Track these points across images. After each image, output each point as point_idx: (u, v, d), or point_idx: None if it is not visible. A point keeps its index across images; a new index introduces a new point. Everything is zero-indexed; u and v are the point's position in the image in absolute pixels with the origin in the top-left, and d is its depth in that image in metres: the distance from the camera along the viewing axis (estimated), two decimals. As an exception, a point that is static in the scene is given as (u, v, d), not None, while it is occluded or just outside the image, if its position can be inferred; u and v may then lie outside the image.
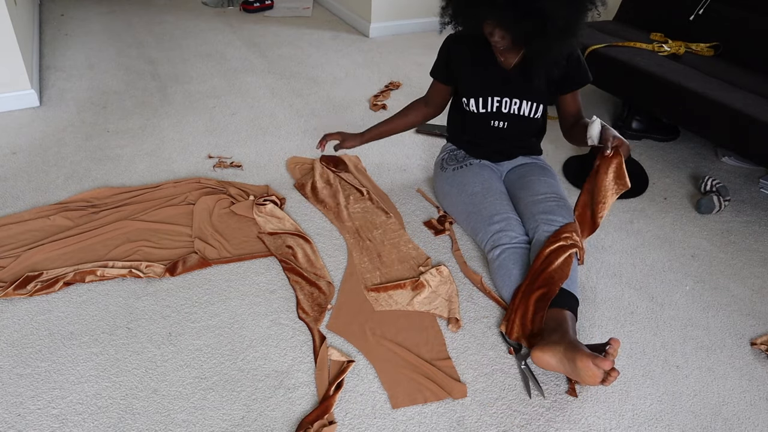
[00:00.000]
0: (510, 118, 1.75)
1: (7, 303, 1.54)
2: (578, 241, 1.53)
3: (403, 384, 1.35)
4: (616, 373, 1.21)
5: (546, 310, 1.42)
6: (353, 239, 1.81)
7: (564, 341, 1.31)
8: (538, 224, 1.61)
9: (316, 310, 1.55)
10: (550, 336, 1.36)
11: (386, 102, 2.77)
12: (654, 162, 2.35)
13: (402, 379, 1.37)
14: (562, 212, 1.62)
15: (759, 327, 1.59)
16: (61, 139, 2.34)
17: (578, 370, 1.24)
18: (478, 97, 1.73)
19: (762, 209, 2.10)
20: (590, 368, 1.22)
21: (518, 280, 1.54)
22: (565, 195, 1.73)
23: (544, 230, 1.58)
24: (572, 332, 1.36)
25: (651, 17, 2.68)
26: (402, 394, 1.33)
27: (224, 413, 1.28)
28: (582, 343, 1.31)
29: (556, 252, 1.48)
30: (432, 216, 1.95)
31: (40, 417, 1.25)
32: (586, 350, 1.26)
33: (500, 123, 1.77)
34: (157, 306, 1.55)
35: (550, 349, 1.32)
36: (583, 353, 1.24)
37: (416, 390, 1.34)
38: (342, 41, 3.59)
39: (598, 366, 1.21)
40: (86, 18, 3.82)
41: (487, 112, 1.75)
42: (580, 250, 1.53)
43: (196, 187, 2.02)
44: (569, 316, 1.40)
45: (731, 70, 2.26)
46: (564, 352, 1.28)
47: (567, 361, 1.27)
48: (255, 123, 2.54)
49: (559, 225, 1.58)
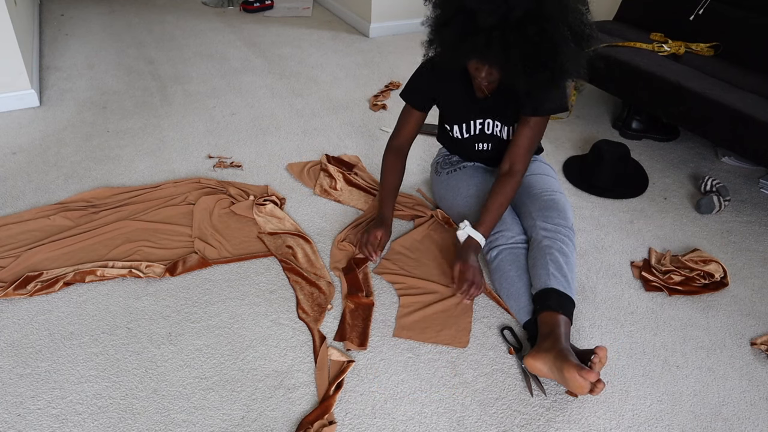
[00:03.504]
0: (493, 140, 1.74)
1: (7, 303, 1.54)
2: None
3: (413, 319, 1.47)
4: (602, 385, 1.23)
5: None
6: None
7: (554, 349, 1.32)
8: (534, 222, 1.60)
9: (316, 310, 1.55)
10: (542, 342, 1.37)
11: (386, 102, 2.77)
12: (654, 162, 2.35)
13: (416, 315, 1.52)
14: (558, 207, 1.60)
15: (759, 327, 1.59)
16: (61, 139, 2.34)
17: (566, 379, 1.27)
18: (461, 123, 1.72)
19: (762, 209, 2.09)
20: (576, 379, 1.24)
21: (515, 281, 1.54)
22: (562, 189, 1.72)
23: (540, 228, 1.57)
24: (564, 339, 1.35)
25: (651, 17, 2.68)
26: (407, 328, 1.44)
27: (224, 413, 1.28)
28: (572, 351, 1.32)
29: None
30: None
31: (40, 417, 1.25)
32: (573, 360, 1.27)
33: (485, 145, 1.76)
34: (157, 306, 1.55)
35: (541, 356, 1.33)
36: (569, 364, 1.26)
37: (421, 329, 1.43)
38: (342, 41, 3.59)
39: (584, 378, 1.23)
40: (86, 18, 3.82)
41: (471, 136, 1.74)
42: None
43: (196, 187, 2.02)
44: (563, 320, 1.39)
45: (731, 70, 2.26)
46: (553, 360, 1.30)
47: (556, 370, 1.29)
48: (255, 123, 2.54)
49: (554, 221, 1.57)
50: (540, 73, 1.32)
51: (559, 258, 1.50)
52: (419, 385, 1.37)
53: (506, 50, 1.29)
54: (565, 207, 1.63)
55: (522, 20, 1.27)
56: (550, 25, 1.27)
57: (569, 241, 1.56)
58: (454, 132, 1.74)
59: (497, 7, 1.26)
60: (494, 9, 1.26)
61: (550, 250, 1.51)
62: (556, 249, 1.52)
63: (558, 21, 1.28)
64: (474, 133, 1.73)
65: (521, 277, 1.54)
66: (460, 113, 1.70)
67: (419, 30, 3.82)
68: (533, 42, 1.27)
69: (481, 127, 1.71)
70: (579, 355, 1.33)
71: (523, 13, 1.26)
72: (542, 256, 1.51)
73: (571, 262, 1.52)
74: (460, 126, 1.72)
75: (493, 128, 1.70)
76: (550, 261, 1.49)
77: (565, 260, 1.50)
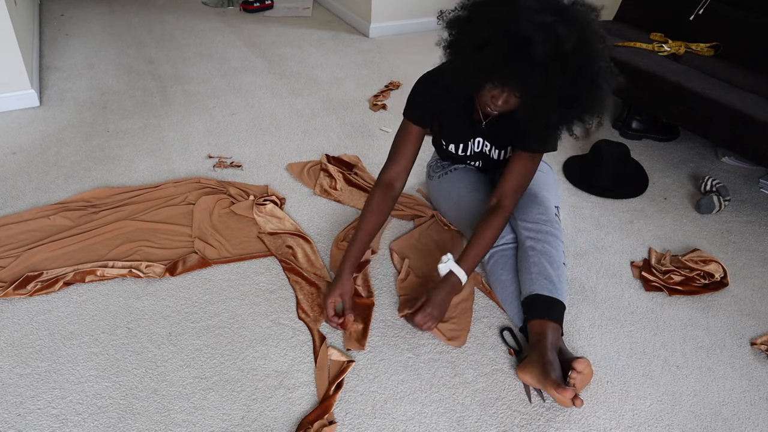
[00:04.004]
0: (485, 158, 1.71)
1: (7, 303, 1.54)
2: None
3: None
4: (580, 402, 1.24)
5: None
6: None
7: (540, 362, 1.33)
8: (516, 222, 1.57)
9: (316, 310, 1.55)
10: (530, 353, 1.38)
11: (386, 102, 2.77)
12: (654, 162, 2.35)
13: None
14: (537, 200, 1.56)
15: (759, 327, 1.59)
16: (61, 139, 2.34)
17: (549, 394, 1.31)
18: (458, 143, 1.68)
19: (762, 209, 2.09)
20: (555, 396, 1.29)
21: (507, 285, 1.54)
22: (549, 178, 1.69)
23: (522, 228, 1.54)
24: (551, 349, 1.35)
25: (651, 17, 2.68)
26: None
27: (224, 413, 1.28)
28: (557, 362, 1.33)
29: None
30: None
31: (40, 417, 1.25)
32: (553, 377, 1.28)
33: (477, 162, 1.75)
34: (157, 306, 1.55)
35: (528, 369, 1.35)
36: (549, 381, 1.28)
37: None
38: (342, 41, 3.59)
39: (561, 395, 1.26)
40: (86, 18, 3.82)
41: (467, 155, 1.72)
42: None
43: (196, 187, 2.02)
44: (551, 328, 1.39)
45: (731, 70, 2.26)
46: (538, 374, 1.32)
47: (541, 384, 1.32)
48: (255, 123, 2.54)
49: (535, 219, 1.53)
50: (570, 109, 1.27)
51: (541, 259, 1.47)
52: (419, 385, 1.37)
53: (548, 82, 1.22)
54: (544, 198, 1.57)
55: (570, 54, 1.21)
56: (590, 60, 1.23)
57: (551, 236, 1.51)
58: (450, 148, 1.71)
59: (549, 37, 1.18)
60: (546, 39, 1.18)
61: (533, 252, 1.49)
62: (539, 250, 1.49)
63: (596, 56, 1.24)
64: (468, 153, 1.71)
65: (513, 281, 1.54)
66: (457, 134, 1.67)
67: (419, 30, 3.82)
68: (574, 76, 1.22)
69: (478, 149, 1.68)
70: (566, 363, 1.33)
71: (572, 48, 1.20)
72: (525, 260, 1.50)
73: (556, 259, 1.48)
74: (456, 145, 1.69)
75: (483, 148, 1.67)
76: (532, 264, 1.47)
77: (548, 260, 1.47)
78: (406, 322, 1.53)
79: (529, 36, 1.17)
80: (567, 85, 1.22)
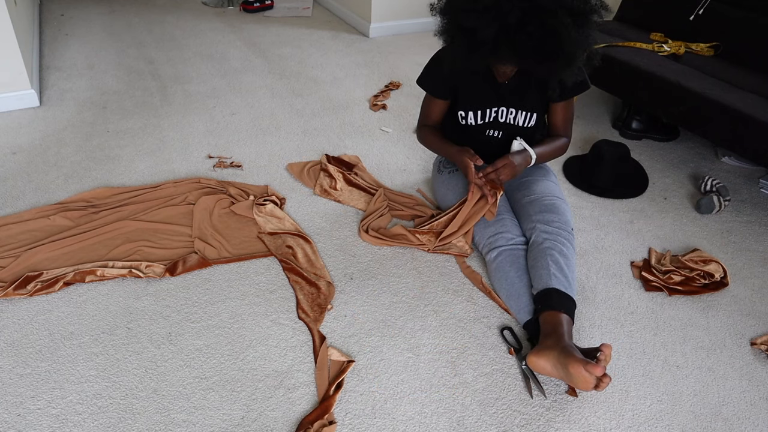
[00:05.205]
0: (505, 128, 1.75)
1: (7, 303, 1.54)
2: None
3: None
4: (608, 379, 1.22)
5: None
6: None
7: (558, 346, 1.31)
8: (534, 224, 1.61)
9: (316, 310, 1.55)
10: (545, 340, 1.36)
11: (386, 102, 2.77)
12: (654, 162, 2.35)
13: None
14: (559, 211, 1.62)
15: (759, 327, 1.59)
16: (61, 139, 2.34)
17: (571, 375, 1.26)
18: (477, 110, 1.72)
19: (762, 209, 2.10)
20: (582, 374, 1.23)
21: (515, 282, 1.54)
22: (563, 195, 1.73)
23: (541, 230, 1.58)
24: (567, 337, 1.35)
25: (651, 17, 2.68)
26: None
27: (224, 413, 1.28)
28: (576, 348, 1.32)
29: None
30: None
31: (40, 417, 1.25)
32: (578, 356, 1.26)
33: (496, 132, 1.77)
34: (157, 306, 1.55)
35: (545, 354, 1.33)
36: (575, 359, 1.25)
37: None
38: (342, 41, 3.59)
39: (589, 372, 1.22)
40: (86, 18, 3.82)
41: (484, 123, 1.74)
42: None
43: (196, 187, 2.02)
44: (565, 319, 1.40)
45: (731, 70, 2.26)
46: (557, 357, 1.29)
47: (560, 366, 1.28)
48: (255, 123, 2.54)
49: (555, 224, 1.58)
50: (552, 61, 1.41)
51: (559, 259, 1.50)
52: (419, 385, 1.37)
53: (514, 51, 1.39)
54: (565, 211, 1.65)
55: (521, 20, 1.34)
56: (547, 16, 1.34)
57: (569, 243, 1.57)
58: (468, 119, 1.74)
59: (492, 19, 1.36)
60: (490, 22, 1.36)
61: (551, 251, 1.52)
62: (557, 250, 1.52)
63: (554, 10, 1.35)
64: (487, 121, 1.74)
65: (521, 278, 1.54)
66: (479, 99, 1.72)
67: (419, 30, 3.82)
68: (536, 36, 1.35)
69: (495, 114, 1.73)
70: (582, 353, 1.32)
71: (521, 13, 1.34)
72: (543, 257, 1.52)
73: (572, 263, 1.53)
74: (475, 112, 1.73)
75: (507, 116, 1.72)
76: (551, 261, 1.50)
77: (565, 261, 1.51)
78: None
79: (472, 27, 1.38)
80: (535, 46, 1.37)
